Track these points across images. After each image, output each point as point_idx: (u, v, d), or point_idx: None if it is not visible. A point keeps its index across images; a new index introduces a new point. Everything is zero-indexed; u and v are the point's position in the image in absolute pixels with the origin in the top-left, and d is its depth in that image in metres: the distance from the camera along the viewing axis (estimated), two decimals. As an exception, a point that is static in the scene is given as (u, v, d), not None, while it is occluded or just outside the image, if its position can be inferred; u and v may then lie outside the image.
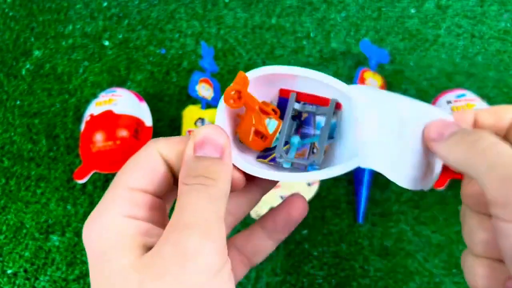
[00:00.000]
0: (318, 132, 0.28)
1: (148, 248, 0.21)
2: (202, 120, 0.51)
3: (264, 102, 0.28)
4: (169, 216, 0.22)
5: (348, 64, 0.58)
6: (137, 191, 0.23)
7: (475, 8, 0.60)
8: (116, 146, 0.48)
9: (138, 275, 0.20)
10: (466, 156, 0.23)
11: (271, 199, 0.45)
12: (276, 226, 0.28)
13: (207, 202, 0.21)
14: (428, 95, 0.55)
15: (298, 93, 0.28)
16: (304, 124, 0.29)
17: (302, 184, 0.45)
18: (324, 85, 0.27)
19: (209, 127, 0.23)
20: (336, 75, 0.57)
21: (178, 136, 0.25)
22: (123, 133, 0.48)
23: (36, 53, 0.62)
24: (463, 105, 0.47)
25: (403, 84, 0.56)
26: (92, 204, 0.51)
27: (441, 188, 0.46)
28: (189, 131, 0.51)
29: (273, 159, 0.27)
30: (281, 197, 0.45)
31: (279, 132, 0.28)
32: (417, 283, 0.45)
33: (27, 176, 0.54)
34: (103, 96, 0.51)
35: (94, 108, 0.50)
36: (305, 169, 0.28)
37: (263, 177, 0.26)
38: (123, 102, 0.50)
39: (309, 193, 0.48)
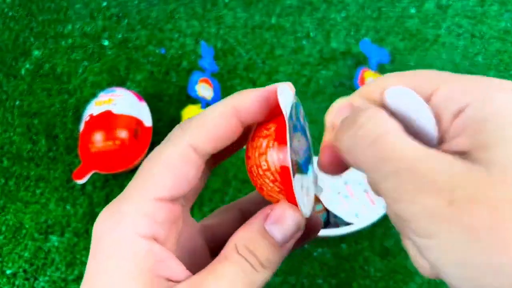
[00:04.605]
0: None
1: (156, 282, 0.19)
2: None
3: None
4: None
5: (348, 63, 0.58)
6: (163, 202, 0.19)
7: (476, 8, 0.60)
8: (116, 146, 0.48)
9: None
10: (355, 153, 0.18)
11: None
12: None
13: (243, 286, 0.19)
14: (428, 95, 0.55)
15: None
16: None
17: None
18: None
19: (291, 207, 0.19)
20: (336, 74, 0.57)
21: (210, 117, 0.20)
22: (123, 133, 0.48)
23: (36, 53, 0.62)
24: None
25: (403, 84, 0.56)
26: (91, 205, 0.51)
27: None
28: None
29: None
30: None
31: None
32: (417, 284, 0.44)
33: (26, 176, 0.54)
34: (103, 96, 0.51)
35: (94, 108, 0.50)
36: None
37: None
38: (123, 102, 0.50)
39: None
